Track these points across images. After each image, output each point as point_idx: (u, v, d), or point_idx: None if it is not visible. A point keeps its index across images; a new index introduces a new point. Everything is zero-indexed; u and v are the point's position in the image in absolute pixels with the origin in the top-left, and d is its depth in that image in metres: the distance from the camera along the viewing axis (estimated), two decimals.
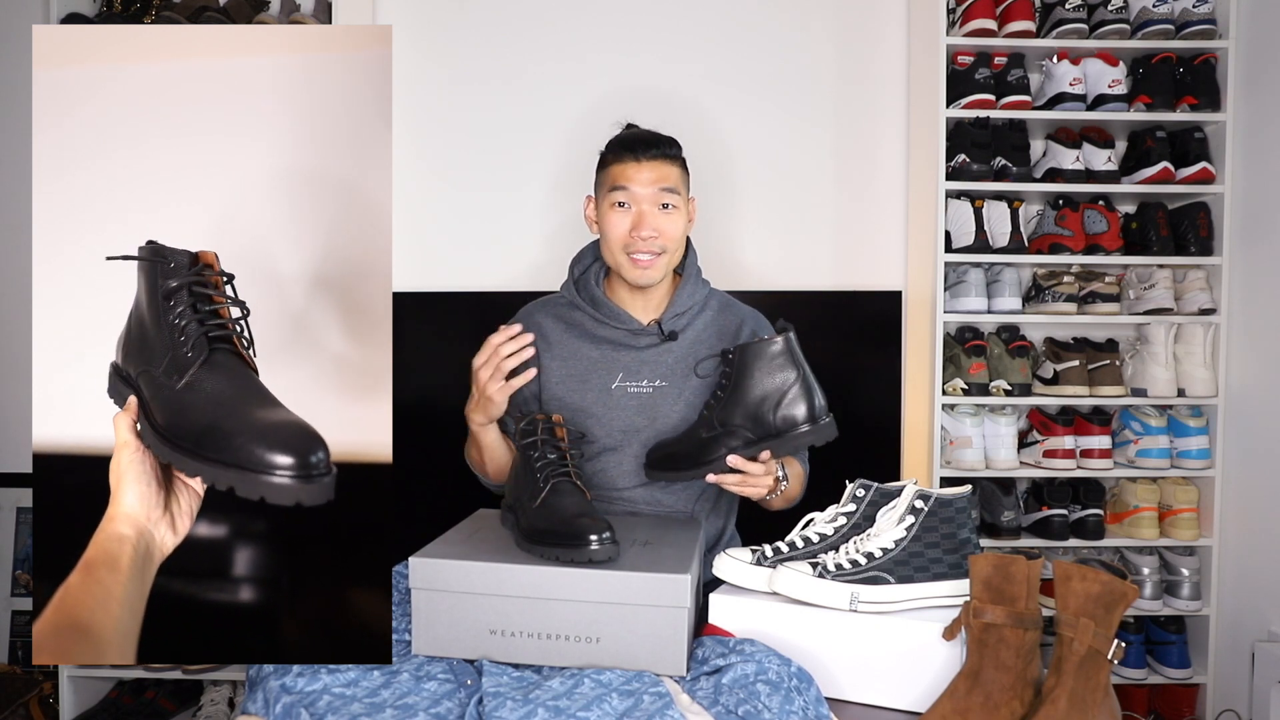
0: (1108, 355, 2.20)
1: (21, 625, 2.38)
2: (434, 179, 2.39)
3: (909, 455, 2.25)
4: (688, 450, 1.25)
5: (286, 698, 0.92)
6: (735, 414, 1.22)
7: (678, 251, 1.43)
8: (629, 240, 1.38)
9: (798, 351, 1.23)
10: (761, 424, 1.21)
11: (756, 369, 1.22)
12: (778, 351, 1.22)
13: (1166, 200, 2.24)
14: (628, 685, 0.94)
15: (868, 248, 2.38)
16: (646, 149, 1.39)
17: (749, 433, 1.22)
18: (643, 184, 1.37)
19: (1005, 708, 0.93)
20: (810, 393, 1.22)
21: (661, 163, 1.39)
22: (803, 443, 1.23)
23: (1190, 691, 2.24)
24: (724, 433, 1.22)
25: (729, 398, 1.23)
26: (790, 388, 1.21)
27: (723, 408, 1.23)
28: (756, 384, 1.22)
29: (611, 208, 1.40)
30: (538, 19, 2.37)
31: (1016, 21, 2.14)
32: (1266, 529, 2.06)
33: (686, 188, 1.45)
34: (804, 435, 1.22)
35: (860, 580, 1.03)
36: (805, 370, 1.23)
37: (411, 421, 2.22)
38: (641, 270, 1.39)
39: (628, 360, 1.43)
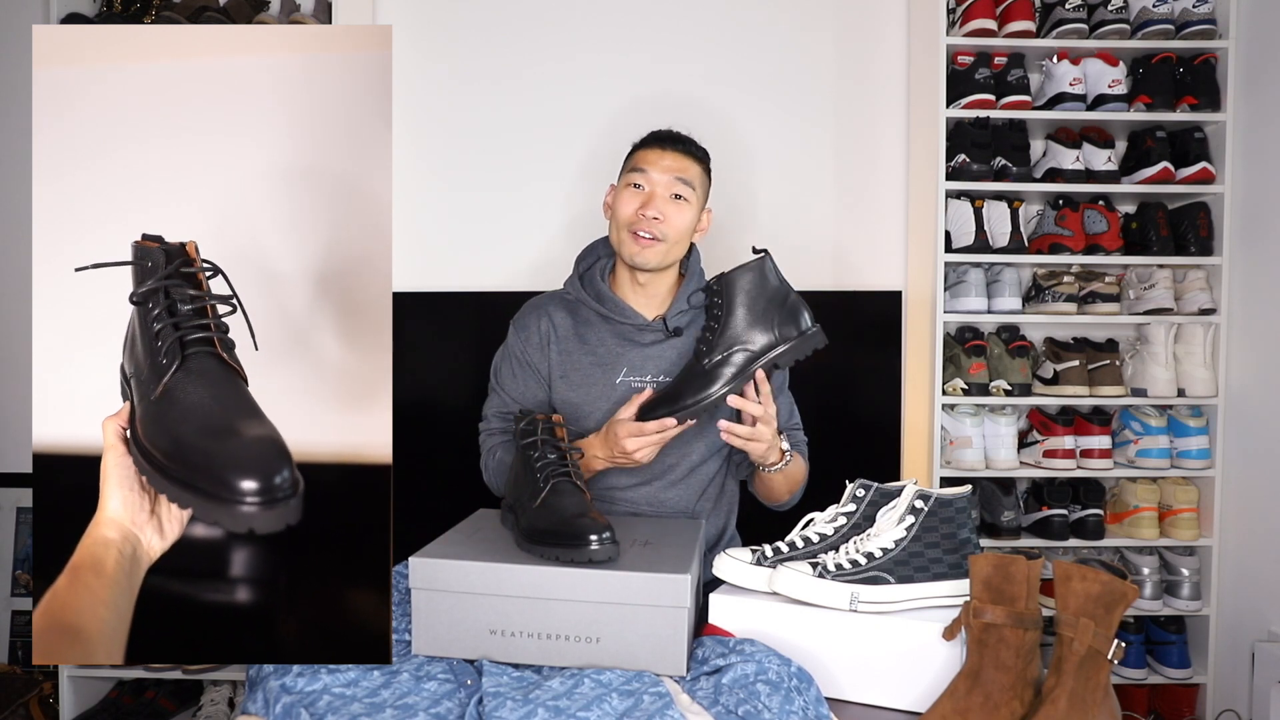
0: (1108, 355, 2.20)
1: (21, 625, 2.38)
2: (434, 179, 2.39)
3: (909, 455, 2.25)
4: (690, 386, 1.27)
5: (286, 698, 0.92)
6: (733, 340, 1.26)
7: (678, 245, 1.44)
8: (634, 218, 1.40)
9: (776, 270, 1.29)
10: (758, 342, 1.26)
11: (743, 292, 1.26)
12: (758, 273, 1.27)
13: (1166, 200, 2.24)
14: (628, 685, 0.94)
15: (868, 248, 2.38)
16: (674, 143, 1.45)
17: (747, 350, 1.26)
18: (661, 170, 1.41)
19: (1005, 708, 0.93)
20: (797, 306, 1.28)
21: (684, 157, 1.43)
22: (797, 352, 1.26)
23: (1190, 691, 2.24)
24: (725, 360, 1.26)
25: (724, 326, 1.27)
26: (777, 304, 1.27)
27: (720, 336, 1.27)
28: (745, 306, 1.26)
29: (626, 188, 1.43)
30: (538, 19, 2.37)
31: (1016, 21, 2.14)
32: (1266, 529, 2.06)
33: (704, 191, 1.47)
34: (796, 345, 1.26)
35: (860, 580, 1.03)
36: (789, 286, 1.29)
37: (411, 422, 2.22)
38: (639, 248, 1.40)
39: (632, 355, 1.44)
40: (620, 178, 1.47)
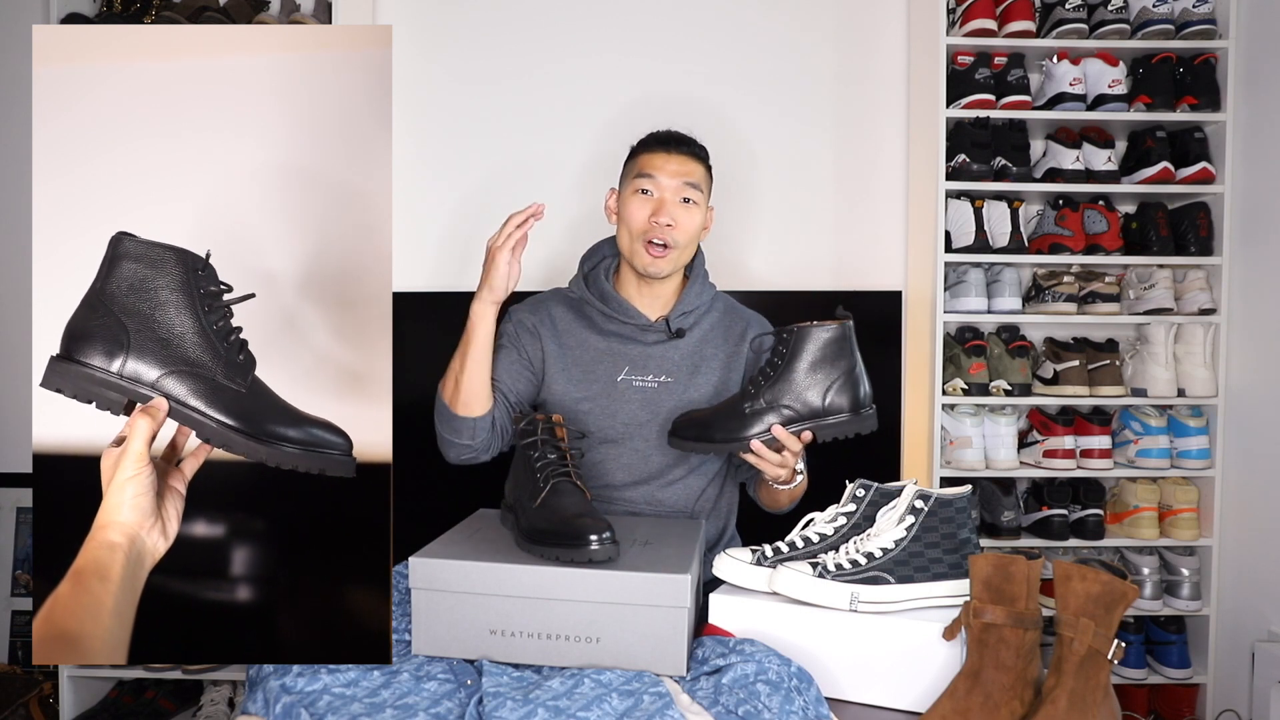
0: (1108, 355, 2.20)
1: (21, 625, 2.39)
2: (434, 179, 2.39)
3: (909, 455, 2.25)
4: (725, 422, 1.25)
5: (286, 698, 0.92)
6: (783, 393, 1.22)
7: (688, 249, 1.44)
8: (647, 227, 1.39)
9: (853, 340, 1.24)
10: (808, 406, 1.22)
11: (811, 351, 1.22)
12: (835, 337, 1.23)
13: (1166, 200, 2.24)
14: (628, 685, 0.94)
15: (868, 248, 2.38)
16: (678, 145, 1.43)
17: (792, 412, 1.22)
18: (669, 174, 1.40)
19: (1005, 708, 0.93)
20: (858, 381, 1.23)
21: (689, 159, 1.43)
22: (844, 430, 1.23)
23: (1190, 691, 2.24)
24: (767, 409, 1.23)
25: (779, 376, 1.23)
26: (841, 374, 1.22)
27: (771, 386, 1.23)
28: (809, 366, 1.22)
29: (634, 194, 1.42)
30: (538, 19, 2.37)
31: (1016, 21, 2.14)
32: (1266, 529, 2.06)
33: (708, 192, 1.47)
34: (847, 422, 1.23)
35: (860, 580, 1.03)
36: (857, 359, 1.24)
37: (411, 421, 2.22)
38: (653, 259, 1.40)
39: (634, 355, 1.44)
40: (624, 182, 1.46)
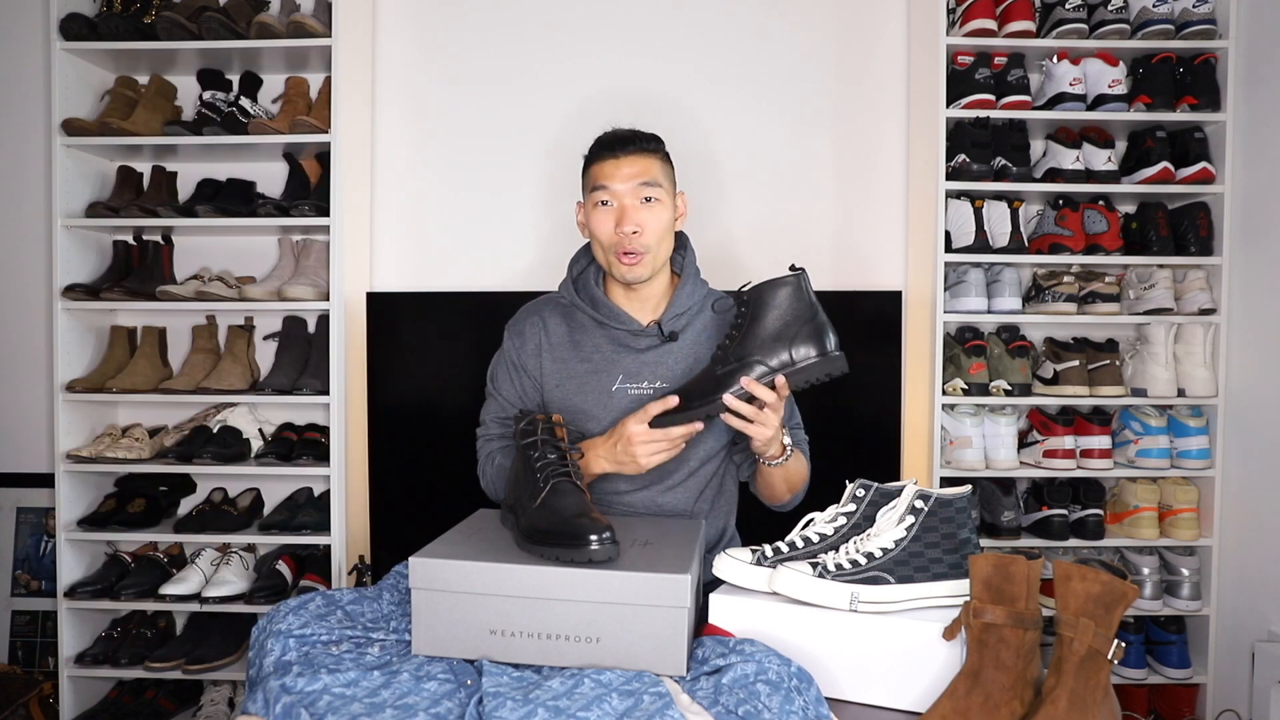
0: (1108, 355, 2.20)
1: (21, 625, 2.38)
2: (433, 179, 2.39)
3: (909, 455, 2.25)
4: (701, 387, 1.27)
5: (286, 698, 0.92)
6: (751, 348, 1.25)
7: (663, 245, 1.42)
8: (616, 239, 1.38)
9: (810, 290, 1.26)
10: (776, 356, 1.24)
11: (772, 305, 1.25)
12: (792, 290, 1.25)
13: (1166, 200, 2.24)
14: (628, 685, 0.94)
15: (868, 248, 2.38)
16: (624, 146, 1.40)
17: (764, 367, 1.24)
18: (622, 180, 1.38)
19: (1005, 708, 0.93)
20: (823, 327, 1.25)
21: (640, 157, 1.40)
22: (814, 372, 1.24)
23: (1190, 691, 2.24)
24: (739, 366, 1.24)
25: (744, 335, 1.25)
26: (803, 323, 1.24)
27: (738, 344, 1.25)
28: (771, 320, 1.25)
29: (595, 207, 1.40)
30: (537, 20, 2.37)
31: (1016, 21, 2.14)
32: (1266, 529, 2.06)
33: (671, 181, 1.45)
34: (816, 364, 1.24)
35: (860, 580, 1.03)
36: (818, 308, 1.26)
37: (411, 421, 2.22)
38: (629, 267, 1.39)
39: (628, 362, 1.43)
40: (584, 195, 1.44)
